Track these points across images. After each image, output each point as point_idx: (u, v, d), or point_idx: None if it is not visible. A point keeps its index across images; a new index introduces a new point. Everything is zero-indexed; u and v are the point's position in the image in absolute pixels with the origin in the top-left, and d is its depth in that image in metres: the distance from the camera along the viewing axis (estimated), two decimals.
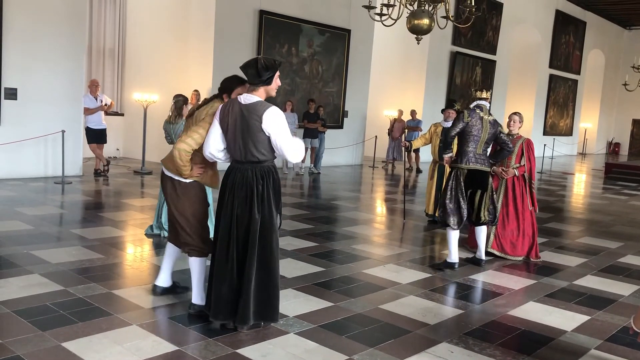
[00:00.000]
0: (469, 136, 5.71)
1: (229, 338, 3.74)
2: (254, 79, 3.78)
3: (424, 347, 3.81)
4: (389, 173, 14.74)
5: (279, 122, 3.75)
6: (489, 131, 5.76)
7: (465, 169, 5.71)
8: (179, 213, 4.10)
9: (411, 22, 8.46)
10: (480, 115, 5.75)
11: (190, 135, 3.95)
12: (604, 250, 7.10)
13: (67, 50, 10.06)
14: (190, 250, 4.14)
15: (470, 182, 5.74)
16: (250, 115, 3.74)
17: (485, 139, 5.75)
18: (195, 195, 4.11)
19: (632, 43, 28.03)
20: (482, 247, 6.00)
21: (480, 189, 5.76)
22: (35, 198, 8.25)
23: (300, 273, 5.29)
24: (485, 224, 5.87)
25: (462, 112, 5.80)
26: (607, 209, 10.76)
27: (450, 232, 5.75)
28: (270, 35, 13.01)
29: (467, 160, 5.71)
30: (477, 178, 5.74)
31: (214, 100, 4.13)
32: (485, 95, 5.94)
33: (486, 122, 5.76)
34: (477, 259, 6.03)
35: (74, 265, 5.08)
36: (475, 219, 5.82)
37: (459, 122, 5.72)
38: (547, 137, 23.04)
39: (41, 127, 9.73)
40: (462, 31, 18.26)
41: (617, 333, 4.28)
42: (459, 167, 5.74)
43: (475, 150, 5.73)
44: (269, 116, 3.72)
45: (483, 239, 5.99)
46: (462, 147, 5.77)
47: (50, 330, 3.67)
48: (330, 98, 14.87)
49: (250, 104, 3.78)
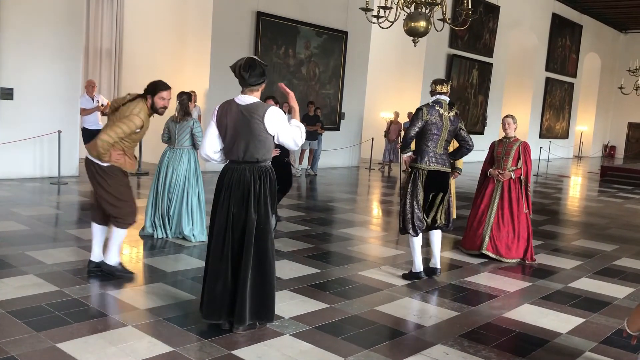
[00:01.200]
0: (429, 135, 5.25)
1: (224, 339, 3.74)
2: (258, 79, 3.80)
3: (419, 349, 3.81)
4: (386, 175, 14.76)
5: (281, 120, 3.83)
6: (449, 128, 5.30)
7: (426, 170, 5.27)
8: (105, 192, 4.73)
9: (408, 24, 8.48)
10: (440, 112, 5.28)
11: (114, 129, 4.60)
12: (599, 253, 7.12)
13: (64, 50, 10.05)
14: (116, 222, 4.80)
15: (431, 184, 5.30)
16: (251, 116, 3.75)
17: (445, 137, 5.30)
18: (116, 175, 4.75)
19: (628, 47, 28.13)
20: (436, 253, 5.52)
21: (441, 191, 5.35)
22: (31, 198, 8.23)
23: (296, 274, 5.29)
24: (439, 228, 5.46)
25: (421, 108, 5.31)
26: (602, 211, 10.79)
27: (413, 240, 5.34)
28: (267, 36, 13.02)
29: (428, 160, 5.26)
30: (437, 179, 5.31)
31: (139, 99, 4.72)
32: (444, 89, 5.45)
33: (446, 118, 5.29)
34: (431, 268, 5.52)
35: (69, 266, 5.07)
36: (431, 223, 5.40)
37: (418, 120, 5.25)
38: (543, 140, 23.11)
39: (37, 127, 9.71)
40: (458, 34, 18.30)
41: (611, 335, 4.29)
42: (419, 168, 5.29)
43: (436, 149, 5.29)
44: (271, 116, 3.77)
45: (438, 244, 5.51)
46: (421, 146, 5.30)
47: (45, 331, 3.66)
48: (327, 100, 14.88)
49: (249, 104, 3.79)
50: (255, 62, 3.81)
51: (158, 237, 6.33)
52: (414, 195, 5.29)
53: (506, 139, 6.43)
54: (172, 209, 6.37)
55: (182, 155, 6.42)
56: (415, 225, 5.29)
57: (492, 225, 6.32)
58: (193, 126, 6.37)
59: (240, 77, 3.80)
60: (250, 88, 3.83)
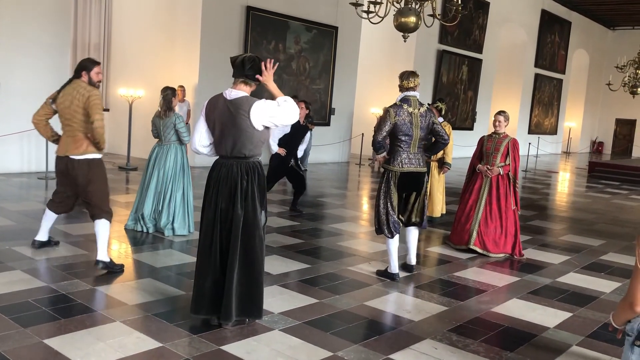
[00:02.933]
0: (400, 136, 5.04)
1: (213, 334, 3.73)
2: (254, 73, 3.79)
3: (408, 344, 3.83)
4: (375, 170, 14.78)
5: (267, 109, 3.74)
6: (421, 126, 5.07)
7: (398, 172, 5.09)
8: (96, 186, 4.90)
9: (398, 19, 8.47)
10: (409, 110, 5.04)
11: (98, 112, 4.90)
12: (587, 248, 7.18)
13: (52, 45, 9.95)
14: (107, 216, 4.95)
15: (405, 184, 5.14)
16: (237, 111, 3.72)
17: (419, 136, 5.09)
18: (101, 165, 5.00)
19: (616, 43, 28.32)
20: (412, 250, 5.47)
21: (415, 190, 5.21)
22: (18, 194, 8.16)
23: (286, 270, 5.29)
24: (415, 224, 5.35)
25: (388, 110, 5.06)
26: (590, 207, 10.88)
27: (389, 241, 5.21)
28: (257, 31, 12.97)
29: (400, 162, 5.07)
30: (411, 180, 5.15)
31: (75, 81, 5.01)
32: (412, 84, 5.17)
33: (416, 116, 5.06)
34: (407, 264, 5.50)
35: (57, 262, 5.04)
36: (406, 220, 5.31)
37: (385, 124, 5.03)
38: (532, 136, 23.25)
39: (24, 122, 9.56)
40: (448, 30, 18.34)
41: (598, 329, 4.33)
42: (391, 170, 5.11)
43: (409, 149, 5.09)
44: (257, 111, 3.71)
45: (413, 241, 5.44)
46: (394, 147, 5.12)
47: (32, 327, 3.63)
48: (317, 95, 14.86)
49: (235, 99, 3.76)
50: (254, 57, 3.84)
51: (142, 231, 6.31)
52: (387, 197, 5.14)
53: (496, 135, 6.46)
54: (159, 205, 6.36)
55: (169, 151, 6.42)
56: (391, 226, 5.15)
57: (480, 221, 6.35)
58: (175, 122, 6.36)
59: (240, 66, 3.77)
60: (241, 80, 3.80)
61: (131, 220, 6.45)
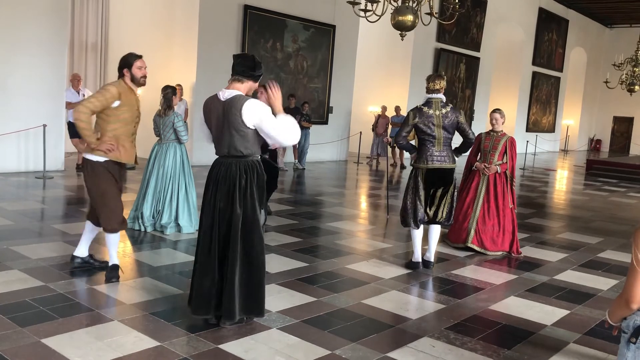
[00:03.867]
0: (423, 136, 5.42)
1: (212, 333, 3.73)
2: (247, 70, 3.77)
3: (406, 342, 3.83)
4: (373, 169, 14.79)
5: (260, 111, 3.70)
6: (444, 125, 5.35)
7: (424, 169, 5.45)
8: (91, 191, 4.59)
9: (395, 18, 8.47)
10: (429, 112, 5.34)
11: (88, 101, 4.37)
12: (584, 246, 7.19)
13: (49, 43, 9.94)
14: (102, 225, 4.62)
15: (432, 180, 5.46)
16: (230, 110, 3.72)
17: (442, 135, 5.39)
18: (102, 174, 4.50)
19: (614, 41, 28.35)
20: (432, 247, 5.68)
21: (442, 186, 5.47)
22: (16, 193, 8.15)
23: (284, 268, 5.30)
24: (440, 223, 5.58)
25: (409, 113, 5.47)
26: (587, 205, 10.90)
27: (414, 232, 5.58)
28: (254, 30, 12.96)
29: (425, 159, 5.43)
30: (438, 176, 5.45)
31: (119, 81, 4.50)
32: (437, 86, 5.41)
33: (439, 117, 5.34)
34: (426, 261, 5.66)
35: (54, 261, 5.03)
36: (433, 217, 5.51)
37: (406, 125, 5.45)
38: (529, 134, 23.26)
39: (22, 121, 9.61)
40: (446, 28, 18.33)
41: (595, 327, 4.34)
42: (419, 167, 5.49)
43: (434, 148, 5.42)
44: (248, 109, 3.68)
45: (435, 239, 5.66)
46: (420, 146, 5.50)
47: (30, 327, 3.63)
48: (315, 94, 14.86)
49: (229, 99, 3.75)
50: (253, 60, 3.82)
51: (140, 230, 6.31)
52: (415, 192, 5.47)
53: (494, 133, 6.46)
54: (159, 204, 6.37)
55: (168, 150, 6.44)
56: (417, 218, 5.48)
57: (478, 219, 6.36)
58: (174, 120, 6.36)
59: (233, 64, 3.79)
60: (234, 79, 3.80)
61: (130, 219, 6.45)
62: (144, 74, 4.57)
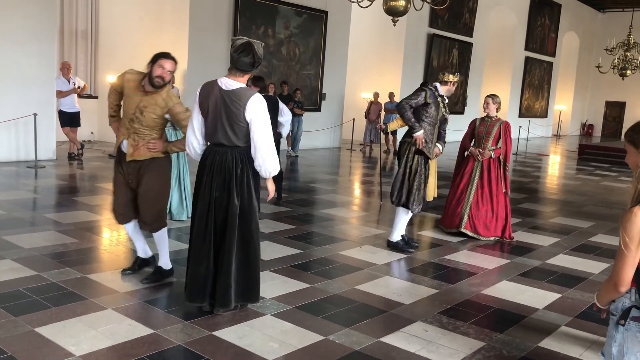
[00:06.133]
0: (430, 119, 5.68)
1: (206, 320, 3.74)
2: (248, 67, 3.67)
3: (399, 327, 3.86)
4: (367, 156, 14.79)
5: (262, 112, 3.68)
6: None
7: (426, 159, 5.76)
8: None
9: (387, 3, 8.44)
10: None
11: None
12: (576, 230, 7.24)
13: (38, 31, 9.83)
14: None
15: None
16: (232, 103, 3.66)
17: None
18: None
19: (606, 26, 28.32)
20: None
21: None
22: (8, 182, 8.11)
23: (278, 255, 5.31)
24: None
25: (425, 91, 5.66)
26: (580, 189, 10.96)
27: (408, 215, 5.75)
28: (246, 16, 12.86)
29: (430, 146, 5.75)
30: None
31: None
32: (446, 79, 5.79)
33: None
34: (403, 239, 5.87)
35: (47, 250, 5.02)
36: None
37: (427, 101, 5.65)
38: (522, 119, 23.28)
39: (12, 110, 9.52)
40: (438, 13, 18.25)
41: (586, 310, 4.39)
42: (427, 156, 5.71)
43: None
44: (253, 104, 3.65)
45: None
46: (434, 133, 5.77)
47: (23, 316, 3.63)
48: (307, 80, 14.80)
49: (233, 89, 3.68)
50: (252, 49, 3.64)
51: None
52: (424, 178, 5.67)
53: (488, 118, 6.45)
54: None
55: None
56: (421, 206, 5.70)
57: (471, 204, 6.38)
58: None
59: (236, 57, 3.65)
60: (237, 72, 3.70)
61: None
62: (161, 75, 4.14)
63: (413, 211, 5.65)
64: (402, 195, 5.64)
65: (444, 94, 5.75)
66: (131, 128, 4.23)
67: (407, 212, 5.71)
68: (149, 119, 4.19)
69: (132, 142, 4.24)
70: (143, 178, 4.27)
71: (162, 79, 4.14)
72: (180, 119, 4.19)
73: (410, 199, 5.60)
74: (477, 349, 3.60)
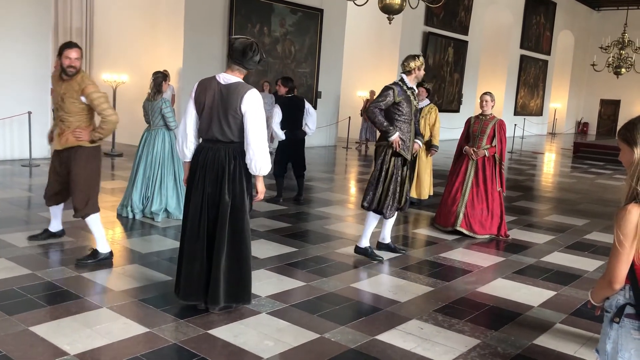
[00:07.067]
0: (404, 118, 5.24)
1: (201, 319, 3.73)
2: (256, 66, 3.81)
3: (395, 324, 3.86)
4: (363, 154, 14.79)
5: (257, 107, 3.70)
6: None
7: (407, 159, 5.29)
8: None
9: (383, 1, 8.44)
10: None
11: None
12: (571, 228, 7.26)
13: (33, 29, 9.78)
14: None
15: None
16: (229, 95, 3.68)
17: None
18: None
19: (601, 24, 28.38)
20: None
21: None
22: (2, 181, 8.07)
23: (273, 253, 5.30)
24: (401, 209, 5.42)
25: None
26: (574, 187, 10.99)
27: (377, 219, 5.35)
28: (241, 14, 12.83)
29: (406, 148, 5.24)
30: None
31: None
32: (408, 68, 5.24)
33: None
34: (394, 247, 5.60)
35: (41, 249, 5.00)
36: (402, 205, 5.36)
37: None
38: (517, 117, 23.34)
39: (6, 108, 9.48)
40: (434, 11, 18.26)
41: (581, 307, 4.40)
42: (405, 157, 5.23)
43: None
44: (249, 97, 3.67)
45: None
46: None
47: (18, 315, 3.61)
48: (303, 79, 14.78)
49: (231, 84, 3.72)
50: (259, 49, 3.79)
51: (128, 217, 6.29)
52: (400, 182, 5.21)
53: (482, 116, 6.46)
54: (148, 191, 6.34)
55: (157, 136, 6.40)
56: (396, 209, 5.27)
57: (467, 203, 6.39)
58: (162, 106, 6.31)
59: (240, 54, 3.70)
60: (235, 68, 3.75)
61: (120, 206, 6.43)
62: (70, 64, 4.57)
63: (387, 217, 5.24)
64: (374, 201, 5.21)
65: (413, 85, 5.25)
66: (57, 117, 4.73)
67: (376, 218, 5.32)
68: (69, 104, 4.63)
69: (59, 130, 4.74)
70: (71, 166, 4.74)
71: (73, 67, 4.60)
72: (92, 98, 4.58)
73: (386, 203, 5.17)
74: (473, 347, 3.61)
